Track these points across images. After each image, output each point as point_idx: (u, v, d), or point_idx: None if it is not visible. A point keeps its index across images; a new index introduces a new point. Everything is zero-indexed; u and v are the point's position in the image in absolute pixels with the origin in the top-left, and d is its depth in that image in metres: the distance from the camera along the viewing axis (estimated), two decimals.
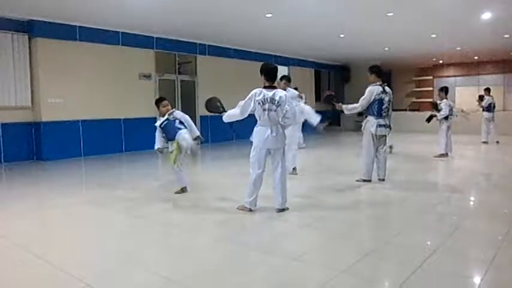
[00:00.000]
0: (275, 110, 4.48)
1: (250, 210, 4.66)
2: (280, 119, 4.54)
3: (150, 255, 3.52)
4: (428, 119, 9.47)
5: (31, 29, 9.27)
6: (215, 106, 5.06)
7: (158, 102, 5.85)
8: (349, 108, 6.31)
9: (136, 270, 3.17)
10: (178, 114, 5.78)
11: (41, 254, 3.55)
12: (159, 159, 5.79)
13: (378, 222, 4.54)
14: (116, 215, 4.90)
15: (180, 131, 5.57)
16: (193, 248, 3.72)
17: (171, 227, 4.39)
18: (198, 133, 5.79)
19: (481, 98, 12.18)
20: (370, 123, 6.22)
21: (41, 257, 3.47)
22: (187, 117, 5.82)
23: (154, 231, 4.26)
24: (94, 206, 5.30)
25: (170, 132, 5.65)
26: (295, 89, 7.60)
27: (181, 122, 5.70)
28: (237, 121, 4.79)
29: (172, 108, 5.83)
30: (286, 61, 16.54)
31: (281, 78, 6.65)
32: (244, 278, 3.02)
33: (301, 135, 11.32)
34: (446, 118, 9.10)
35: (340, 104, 6.48)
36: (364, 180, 6.29)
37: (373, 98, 6.13)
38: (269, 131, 4.52)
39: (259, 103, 4.48)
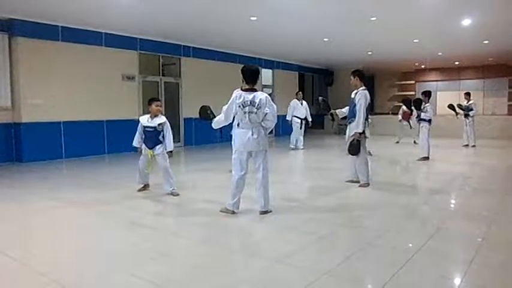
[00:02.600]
0: (255, 113, 4.50)
1: (233, 212, 4.65)
2: (261, 121, 4.57)
3: (132, 258, 3.47)
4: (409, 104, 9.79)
5: (11, 28, 9.08)
6: (205, 113, 5.30)
7: (153, 100, 5.81)
8: (360, 121, 5.99)
9: (118, 274, 3.13)
10: (167, 127, 5.79)
11: (19, 257, 3.48)
12: (141, 161, 5.76)
13: (361, 224, 4.58)
14: (97, 218, 4.82)
15: (157, 148, 5.69)
16: (176, 250, 3.70)
17: (153, 229, 4.35)
18: (172, 148, 5.77)
19: (452, 107, 12.25)
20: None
21: (19, 261, 3.40)
22: (170, 132, 5.84)
23: (136, 233, 4.21)
24: (74, 208, 5.21)
25: (151, 140, 5.71)
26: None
27: (163, 135, 5.73)
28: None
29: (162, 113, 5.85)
30: (271, 64, 16.60)
31: None
32: (228, 280, 3.00)
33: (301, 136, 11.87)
34: (429, 121, 9.21)
35: (334, 111, 6.52)
36: (362, 185, 6.21)
37: (367, 103, 6.11)
38: (250, 133, 4.54)
39: (239, 106, 4.50)
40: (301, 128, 11.84)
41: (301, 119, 11.76)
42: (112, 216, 4.88)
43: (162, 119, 5.76)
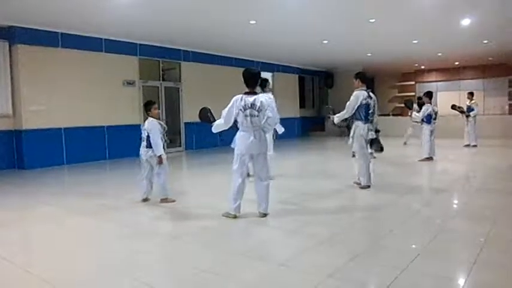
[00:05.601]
0: (257, 116, 4.50)
1: (235, 216, 4.64)
2: (262, 124, 4.57)
3: (135, 263, 3.47)
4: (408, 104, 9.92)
5: (11, 35, 9.13)
6: (205, 116, 5.16)
7: (152, 104, 5.63)
8: (338, 116, 6.35)
9: (121, 280, 3.12)
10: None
11: (22, 264, 3.48)
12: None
13: (363, 226, 4.56)
14: (99, 224, 4.82)
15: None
16: (178, 255, 3.69)
17: (156, 235, 4.34)
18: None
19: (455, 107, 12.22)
20: (360, 128, 6.17)
21: (23, 267, 3.40)
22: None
23: (139, 239, 4.19)
24: (76, 215, 5.21)
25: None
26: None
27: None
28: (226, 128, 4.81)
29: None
30: (271, 67, 16.62)
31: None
32: (231, 284, 3.00)
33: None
34: (428, 122, 9.20)
35: (333, 116, 6.57)
36: (363, 187, 6.18)
37: (359, 102, 6.12)
38: (252, 136, 4.54)
39: (240, 109, 4.50)
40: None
41: None
42: (114, 222, 4.87)
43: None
